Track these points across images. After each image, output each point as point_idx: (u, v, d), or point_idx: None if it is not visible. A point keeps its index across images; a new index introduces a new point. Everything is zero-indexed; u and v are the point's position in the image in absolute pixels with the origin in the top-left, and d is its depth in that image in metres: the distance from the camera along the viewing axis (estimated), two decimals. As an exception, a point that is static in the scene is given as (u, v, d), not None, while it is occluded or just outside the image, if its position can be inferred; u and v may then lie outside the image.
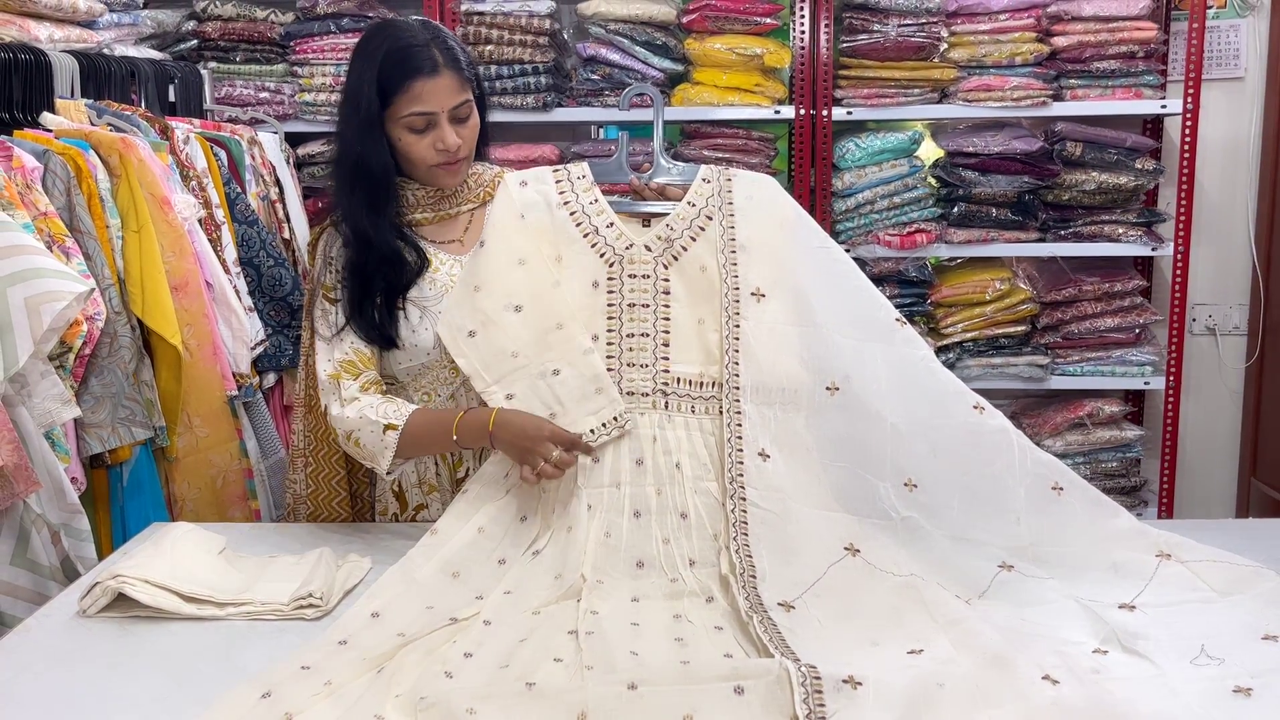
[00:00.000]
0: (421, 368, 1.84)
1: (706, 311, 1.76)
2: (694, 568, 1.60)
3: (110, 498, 2.13)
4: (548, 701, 1.22)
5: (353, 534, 1.86)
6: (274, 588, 1.58)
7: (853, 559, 1.56)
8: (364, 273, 1.79)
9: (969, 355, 3.27)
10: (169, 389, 2.23)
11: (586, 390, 1.70)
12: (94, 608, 1.53)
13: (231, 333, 2.40)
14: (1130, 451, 3.34)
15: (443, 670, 1.33)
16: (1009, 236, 3.21)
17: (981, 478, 1.64)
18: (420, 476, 1.91)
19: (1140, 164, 3.17)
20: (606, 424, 1.69)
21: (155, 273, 2.17)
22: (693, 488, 1.67)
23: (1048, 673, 1.27)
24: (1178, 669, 1.32)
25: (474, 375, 1.73)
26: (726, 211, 1.80)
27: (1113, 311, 3.25)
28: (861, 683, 1.21)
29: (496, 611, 1.50)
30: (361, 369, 1.80)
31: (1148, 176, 3.18)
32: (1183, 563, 1.57)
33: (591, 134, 3.54)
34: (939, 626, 1.40)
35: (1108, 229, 3.19)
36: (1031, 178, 3.16)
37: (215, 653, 1.43)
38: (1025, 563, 1.58)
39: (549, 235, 1.79)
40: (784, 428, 1.68)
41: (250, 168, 2.80)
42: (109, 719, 1.26)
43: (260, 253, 2.61)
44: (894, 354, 1.71)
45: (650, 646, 1.38)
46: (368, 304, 1.79)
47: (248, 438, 2.47)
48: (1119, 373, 3.27)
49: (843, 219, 3.23)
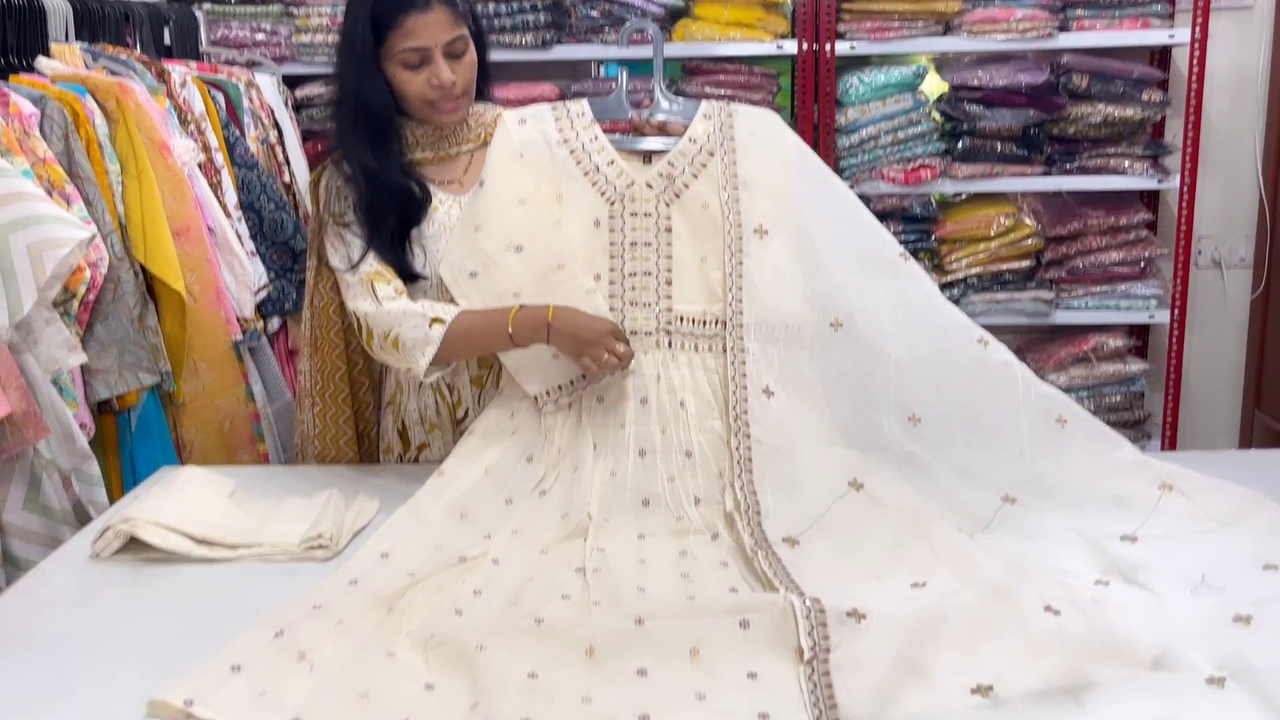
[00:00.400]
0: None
1: (709, 249, 1.75)
2: (699, 505, 1.61)
3: (119, 443, 2.15)
4: (556, 637, 1.24)
5: (360, 476, 1.88)
6: (284, 529, 1.59)
7: (856, 494, 1.57)
8: (376, 209, 1.79)
9: (973, 291, 3.26)
10: (174, 334, 2.24)
11: None
12: (106, 551, 1.55)
13: (234, 277, 2.40)
14: (1134, 385, 3.35)
15: (452, 608, 1.34)
16: (1014, 171, 3.19)
17: (985, 412, 1.65)
18: (421, 414, 1.93)
19: (1147, 95, 3.13)
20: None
21: (156, 218, 2.16)
22: (697, 426, 1.67)
23: (1049, 603, 1.28)
24: (1178, 598, 1.33)
25: None
26: (728, 147, 1.78)
27: (1118, 245, 3.23)
28: (865, 615, 1.22)
29: (504, 550, 1.51)
30: (391, 277, 1.79)
31: (1155, 108, 3.14)
32: (1184, 494, 1.58)
33: (591, 72, 3.50)
34: (942, 559, 1.41)
35: (1113, 162, 3.17)
36: (1037, 111, 3.13)
37: (228, 593, 1.45)
38: (1028, 495, 1.59)
39: (549, 174, 1.78)
40: (788, 365, 1.68)
41: (248, 111, 2.78)
42: (126, 658, 1.28)
43: (261, 197, 2.60)
44: (898, 289, 1.71)
45: (656, 582, 1.39)
46: (386, 240, 1.79)
47: (253, 382, 2.48)
48: (1123, 307, 3.26)
49: (846, 155, 3.20)
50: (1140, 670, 1.17)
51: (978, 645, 1.20)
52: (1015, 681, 1.14)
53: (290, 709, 1.14)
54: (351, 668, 1.21)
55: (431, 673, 1.21)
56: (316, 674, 1.20)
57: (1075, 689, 1.14)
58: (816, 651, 1.18)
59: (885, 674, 1.14)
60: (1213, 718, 1.09)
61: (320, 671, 1.20)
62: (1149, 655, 1.19)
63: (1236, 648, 1.20)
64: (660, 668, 1.19)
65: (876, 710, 1.10)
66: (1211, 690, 1.14)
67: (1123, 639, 1.21)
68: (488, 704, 1.13)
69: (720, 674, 1.18)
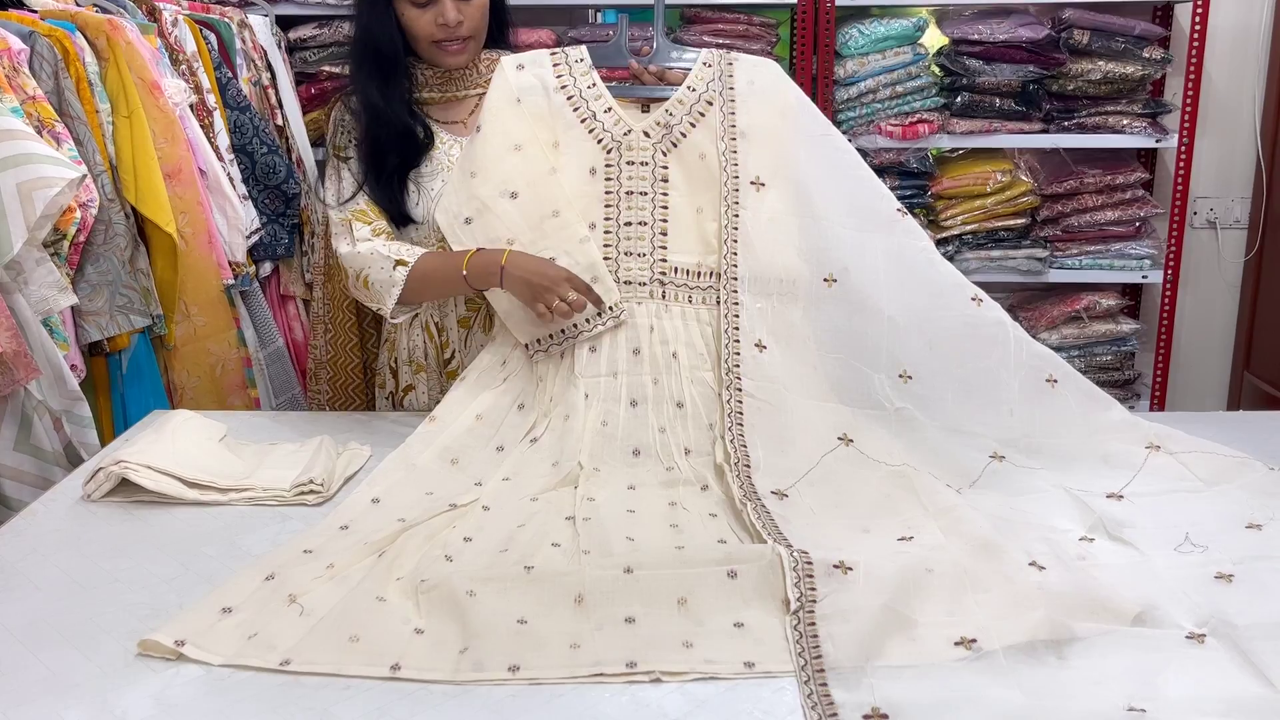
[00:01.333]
0: (412, 243, 1.85)
1: (705, 200, 1.75)
2: (689, 456, 1.62)
3: (110, 385, 2.15)
4: (545, 584, 1.25)
5: (352, 423, 1.88)
6: (275, 474, 1.60)
7: (846, 449, 1.58)
8: (378, 146, 1.81)
9: (968, 248, 3.26)
10: (165, 277, 2.23)
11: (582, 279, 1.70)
12: (98, 492, 1.56)
13: (226, 221, 2.39)
14: (1126, 345, 3.36)
15: (443, 554, 1.36)
16: (1012, 127, 3.17)
17: (976, 370, 1.66)
18: (410, 354, 1.95)
19: (1148, 53, 3.10)
20: (602, 313, 1.70)
21: (147, 159, 2.14)
22: (689, 378, 1.68)
23: (1035, 559, 1.30)
24: (1162, 555, 1.35)
25: None
26: (727, 97, 1.77)
27: (1114, 204, 3.22)
28: (852, 568, 1.24)
29: (495, 498, 1.52)
30: (374, 217, 1.82)
31: (1155, 66, 3.12)
32: (1171, 454, 1.60)
33: (589, 18, 3.46)
34: (929, 514, 1.43)
35: (1112, 120, 3.15)
36: (1037, 67, 3.11)
37: (219, 537, 1.45)
38: (1017, 453, 1.61)
39: (546, 120, 1.77)
40: (781, 319, 1.69)
41: (241, 52, 2.74)
42: (118, 597, 1.29)
43: (253, 140, 2.58)
44: (893, 245, 1.71)
45: (646, 532, 1.40)
46: (382, 178, 1.81)
47: (245, 327, 2.48)
48: (1117, 266, 3.27)
49: (844, 108, 3.18)
50: (1122, 625, 1.18)
51: (962, 598, 1.22)
52: (999, 634, 1.16)
53: (280, 651, 1.15)
54: (342, 611, 1.22)
55: (422, 617, 1.22)
56: (307, 617, 1.21)
57: (1058, 643, 1.15)
58: (803, 602, 1.19)
59: (870, 625, 1.16)
60: (1192, 672, 1.11)
61: (311, 615, 1.22)
62: (1131, 611, 1.20)
63: (1217, 605, 1.22)
64: (648, 616, 1.20)
65: (860, 660, 1.12)
66: (1191, 646, 1.15)
67: (1106, 594, 1.22)
68: (477, 648, 1.15)
69: (708, 623, 1.20)
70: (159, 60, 2.29)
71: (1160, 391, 3.35)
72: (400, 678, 1.12)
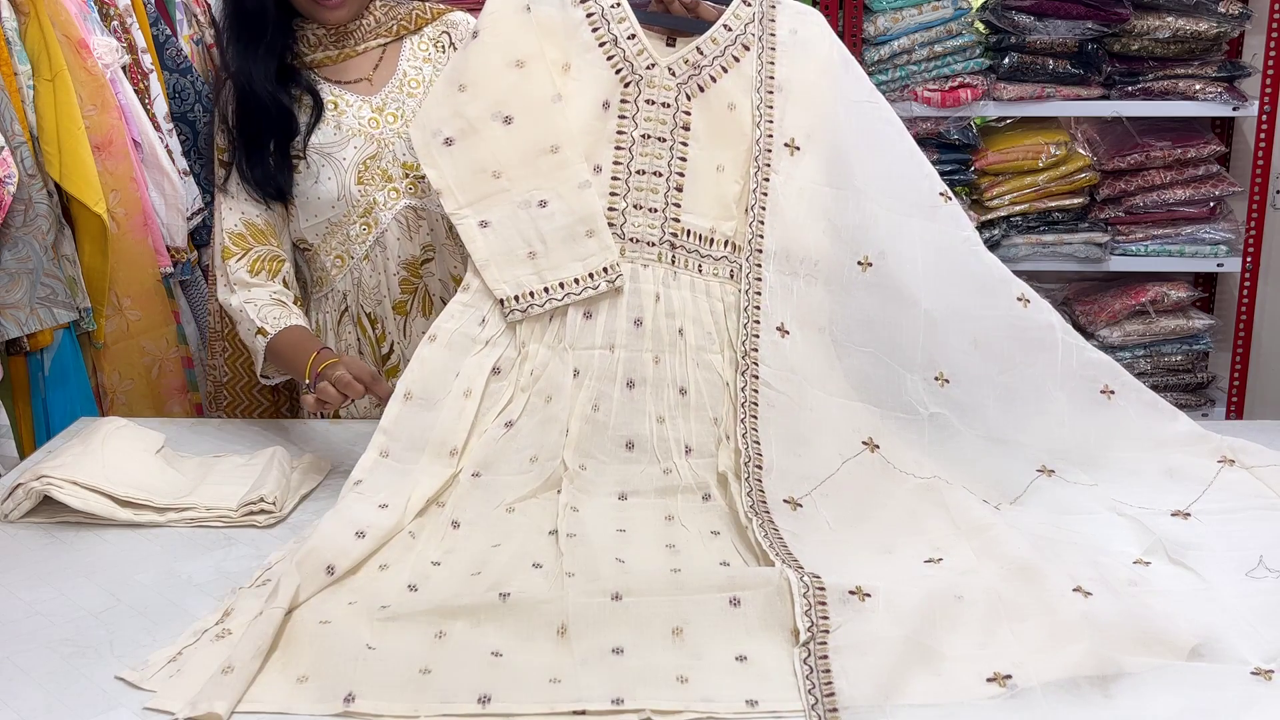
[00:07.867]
0: (329, 225, 1.88)
1: (727, 158, 1.74)
2: (689, 456, 1.63)
3: (31, 388, 2.16)
4: (523, 613, 1.27)
5: (309, 431, 1.90)
6: (221, 491, 1.61)
7: (870, 455, 1.60)
8: (249, 124, 1.84)
9: (1017, 232, 3.26)
10: (94, 265, 2.24)
11: (576, 231, 1.68)
12: (17, 512, 1.57)
13: (164, 199, 2.40)
14: (1198, 343, 3.36)
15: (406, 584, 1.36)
16: (1067, 93, 3.18)
17: (1023, 378, 1.67)
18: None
19: (1224, 7, 3.11)
20: (594, 274, 1.68)
21: (73, 129, 2.16)
22: (695, 359, 1.68)
23: (1079, 584, 1.32)
24: (1229, 581, 1.36)
25: (445, 193, 1.70)
26: (767, 44, 1.75)
27: (1184, 182, 3.23)
28: (870, 594, 1.26)
29: (464, 505, 1.53)
30: (251, 243, 1.84)
31: (1232, 22, 3.13)
32: (1247, 468, 1.61)
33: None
34: (961, 533, 1.44)
35: (1182, 85, 3.16)
36: (1096, 23, 3.12)
37: (155, 563, 1.47)
38: (1069, 467, 1.62)
39: (558, 37, 1.74)
40: (806, 302, 1.69)
41: (181, 6, 2.76)
42: (39, 633, 1.30)
43: (195, 107, 2.60)
44: (935, 232, 1.72)
45: (638, 552, 1.42)
46: (256, 155, 1.84)
47: (185, 321, 2.49)
48: (1188, 253, 3.27)
49: (875, 70, 3.19)
50: (1177, 659, 1.20)
51: (996, 629, 1.23)
52: (1036, 670, 1.17)
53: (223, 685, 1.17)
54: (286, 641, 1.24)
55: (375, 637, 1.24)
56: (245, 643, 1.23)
57: (1103, 679, 1.17)
58: (814, 633, 1.21)
59: (890, 659, 1.17)
60: (1254, 714, 1.12)
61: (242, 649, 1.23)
62: (1187, 643, 1.22)
63: (1291, 638, 1.23)
64: (639, 647, 1.22)
65: (879, 699, 1.13)
66: (1256, 683, 1.17)
67: (1159, 625, 1.24)
68: (444, 676, 1.17)
69: (706, 655, 1.21)
70: (87, 15, 2.31)
71: (1238, 397, 3.36)
72: (355, 712, 1.14)
